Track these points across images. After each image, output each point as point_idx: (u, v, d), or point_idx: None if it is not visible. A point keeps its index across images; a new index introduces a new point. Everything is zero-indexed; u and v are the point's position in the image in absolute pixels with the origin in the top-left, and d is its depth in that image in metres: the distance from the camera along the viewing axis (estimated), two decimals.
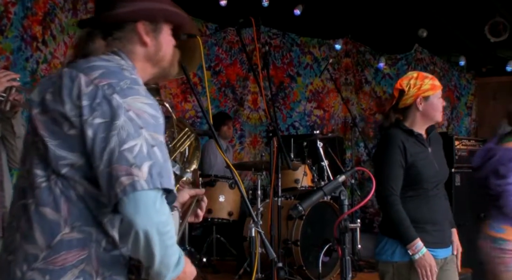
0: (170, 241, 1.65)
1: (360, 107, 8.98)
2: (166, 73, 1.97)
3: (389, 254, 3.12)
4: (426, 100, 3.18)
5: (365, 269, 6.34)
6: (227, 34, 7.89)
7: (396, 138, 3.13)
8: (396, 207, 3.06)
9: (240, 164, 6.51)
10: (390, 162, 3.11)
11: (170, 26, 1.95)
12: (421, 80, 3.19)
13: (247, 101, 8.12)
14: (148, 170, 1.60)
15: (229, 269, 6.01)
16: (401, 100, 3.20)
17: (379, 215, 8.60)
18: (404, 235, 3.06)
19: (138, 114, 1.65)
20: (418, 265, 3.03)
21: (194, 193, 2.27)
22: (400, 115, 3.24)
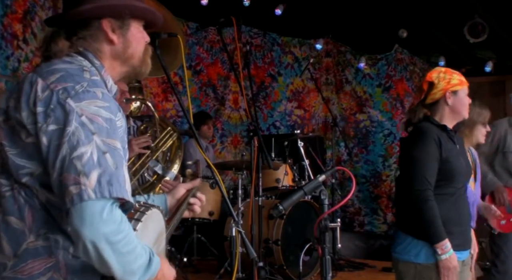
0: (127, 248, 1.61)
1: (341, 106, 9.01)
2: (137, 71, 1.93)
3: (413, 255, 3.01)
4: (455, 95, 3.13)
5: (345, 268, 6.38)
6: (208, 33, 7.88)
7: (431, 132, 3.05)
8: (431, 203, 2.94)
9: (221, 164, 6.51)
10: (426, 155, 3.00)
11: (141, 22, 1.90)
12: (449, 74, 3.15)
13: (228, 100, 8.12)
14: (97, 178, 1.56)
15: (210, 269, 6.01)
16: (429, 94, 3.13)
17: (359, 215, 8.67)
18: (435, 233, 2.93)
19: (91, 119, 1.61)
20: (443, 266, 2.93)
21: (191, 186, 2.26)
22: (428, 110, 3.16)
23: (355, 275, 6.21)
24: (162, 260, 1.77)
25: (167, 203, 2.22)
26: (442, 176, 3.02)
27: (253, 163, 4.91)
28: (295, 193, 2.42)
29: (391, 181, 8.51)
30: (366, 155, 8.81)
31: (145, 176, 3.41)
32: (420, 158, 3.01)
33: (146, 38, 1.93)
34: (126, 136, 1.78)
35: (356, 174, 8.69)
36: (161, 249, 1.97)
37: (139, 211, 1.78)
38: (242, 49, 5.76)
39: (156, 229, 1.93)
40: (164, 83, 7.33)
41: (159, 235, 1.95)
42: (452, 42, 8.43)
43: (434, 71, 3.17)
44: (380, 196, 8.66)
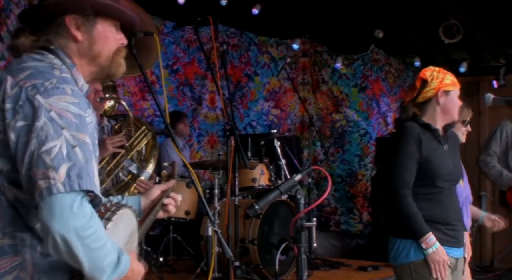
0: (96, 244, 1.60)
1: (317, 106, 9.05)
2: (107, 71, 1.90)
3: (404, 255, 3.00)
4: (447, 95, 3.09)
5: (321, 267, 6.41)
6: (185, 32, 7.85)
7: (412, 130, 3.02)
8: (407, 200, 2.94)
9: (198, 163, 6.49)
10: (404, 154, 2.99)
11: (112, 22, 1.88)
12: (443, 74, 3.10)
13: (205, 100, 8.10)
14: (66, 172, 1.56)
15: (186, 269, 5.99)
16: (422, 92, 3.08)
17: (335, 214, 8.71)
18: (416, 229, 2.94)
19: (60, 114, 1.61)
20: (431, 260, 2.94)
21: (166, 187, 2.26)
22: (418, 110, 3.11)
23: (331, 274, 6.24)
24: (132, 258, 1.76)
25: (141, 204, 2.22)
26: (424, 175, 3.01)
27: (229, 163, 4.91)
28: (271, 192, 2.42)
29: (367, 181, 8.56)
30: (342, 155, 8.86)
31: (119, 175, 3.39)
32: (398, 157, 3.00)
33: (122, 40, 1.91)
34: (97, 133, 1.78)
35: (332, 174, 8.74)
36: (132, 249, 1.97)
37: (110, 211, 1.77)
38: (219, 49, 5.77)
39: (128, 229, 1.92)
40: (141, 82, 7.29)
41: (131, 235, 1.94)
42: (427, 43, 8.50)
43: (428, 70, 3.12)
44: (356, 195, 8.71)
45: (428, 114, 3.11)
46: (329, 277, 6.09)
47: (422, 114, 3.11)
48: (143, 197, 2.23)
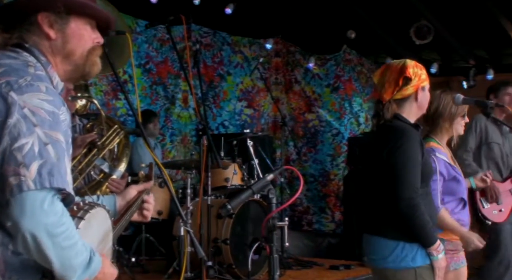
0: (67, 243, 1.59)
1: (290, 106, 9.07)
2: (82, 70, 1.89)
3: (410, 259, 2.89)
4: (423, 90, 3.06)
5: (293, 267, 6.43)
6: (157, 31, 7.81)
7: (414, 134, 2.95)
8: (422, 209, 2.84)
9: (171, 163, 6.47)
10: (413, 160, 2.89)
11: (87, 20, 1.88)
12: (421, 69, 3.06)
13: (178, 99, 8.07)
14: (38, 169, 1.55)
15: (158, 269, 5.97)
16: (402, 89, 3.00)
17: (308, 213, 8.74)
18: (428, 237, 2.87)
19: (33, 111, 1.60)
20: (439, 266, 2.90)
21: (143, 188, 2.25)
22: (396, 105, 3.03)
23: (303, 273, 6.26)
24: (104, 260, 1.76)
25: (117, 204, 2.21)
26: (423, 178, 2.96)
27: (202, 162, 4.90)
28: (244, 192, 2.43)
29: (339, 180, 8.61)
30: (314, 155, 8.89)
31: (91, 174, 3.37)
32: (406, 162, 2.89)
33: (97, 39, 1.91)
34: (70, 131, 1.77)
35: (304, 173, 8.77)
36: (107, 249, 1.96)
37: (82, 209, 1.76)
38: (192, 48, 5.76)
39: (101, 229, 1.91)
40: (114, 81, 7.23)
41: (105, 235, 1.93)
42: (399, 44, 8.58)
43: (409, 66, 3.03)
44: (328, 195, 8.75)
45: (405, 110, 3.05)
46: (301, 276, 6.11)
47: (399, 110, 3.05)
48: (119, 197, 2.23)
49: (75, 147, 3.35)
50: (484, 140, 5.16)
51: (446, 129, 3.64)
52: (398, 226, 2.90)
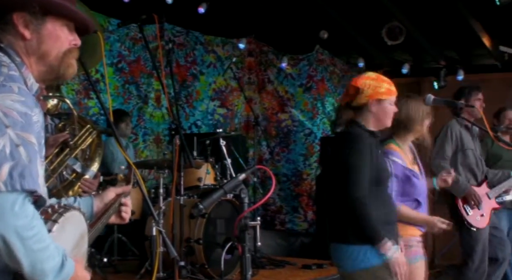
0: (38, 246, 1.58)
1: (263, 106, 9.09)
2: (56, 72, 1.88)
3: (364, 261, 3.02)
4: (379, 103, 3.15)
5: (266, 266, 6.44)
6: (130, 30, 7.77)
7: (365, 139, 3.09)
8: (369, 208, 2.98)
9: (143, 162, 6.44)
10: (362, 162, 3.03)
11: (64, 21, 1.86)
12: (379, 82, 3.17)
13: (151, 98, 8.04)
14: (9, 171, 1.54)
15: (130, 269, 5.94)
16: (356, 99, 3.15)
17: (281, 213, 8.77)
18: (376, 236, 2.99)
19: (5, 113, 1.59)
20: (394, 263, 3.00)
21: (121, 190, 2.24)
22: (354, 113, 3.18)
23: (275, 272, 6.28)
24: (77, 265, 1.74)
25: (94, 206, 2.19)
26: (374, 181, 3.08)
27: (174, 162, 4.89)
28: (216, 192, 2.43)
29: (312, 180, 8.65)
30: (287, 154, 8.92)
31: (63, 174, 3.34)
32: (357, 165, 3.03)
33: (75, 41, 1.90)
34: (44, 133, 1.75)
35: (277, 173, 8.79)
36: (82, 253, 1.94)
37: (57, 212, 1.74)
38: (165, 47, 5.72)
39: (76, 232, 1.89)
40: (86, 80, 7.17)
41: (80, 238, 1.91)
42: (371, 44, 8.65)
43: (363, 78, 3.17)
44: (301, 194, 8.78)
45: (363, 118, 3.17)
46: (274, 275, 6.13)
47: (357, 117, 3.17)
48: (96, 199, 2.21)
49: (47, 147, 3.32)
50: (460, 147, 5.18)
51: (419, 131, 3.75)
52: (352, 229, 3.04)
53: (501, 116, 6.16)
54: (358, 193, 2.99)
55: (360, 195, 2.99)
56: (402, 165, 3.67)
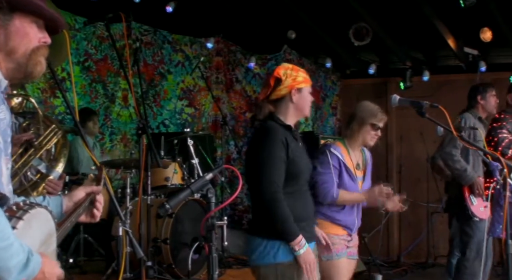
0: (1, 244, 1.58)
1: (231, 106, 9.09)
2: (24, 69, 1.86)
3: (272, 255, 3.03)
4: (300, 92, 3.17)
5: (234, 266, 6.45)
6: (96, 28, 7.70)
7: (277, 132, 3.08)
8: (282, 203, 2.98)
9: (110, 162, 6.39)
10: (274, 156, 3.03)
11: (33, 19, 1.85)
12: (296, 71, 3.18)
13: (118, 98, 7.98)
14: None
15: (97, 269, 5.88)
16: (276, 90, 3.15)
17: (248, 212, 8.77)
18: (290, 232, 3.00)
19: None
20: (303, 260, 3.01)
21: (90, 190, 2.22)
22: (273, 106, 3.18)
23: (243, 272, 6.28)
24: (46, 260, 1.73)
25: (63, 205, 2.17)
26: (289, 176, 3.08)
27: (141, 161, 4.87)
28: (183, 191, 2.43)
29: None
30: None
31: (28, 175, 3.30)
32: (268, 160, 3.04)
33: (44, 38, 1.88)
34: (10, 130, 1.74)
35: None
36: (50, 251, 1.93)
37: (22, 209, 1.72)
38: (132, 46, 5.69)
39: (43, 230, 1.88)
40: (52, 79, 7.09)
41: (48, 237, 1.90)
42: (338, 45, 8.71)
43: (282, 68, 3.19)
44: None
45: (281, 111, 3.18)
46: (241, 275, 6.13)
47: (276, 111, 3.18)
48: (65, 198, 2.19)
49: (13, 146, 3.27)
50: (472, 139, 5.26)
51: (356, 132, 3.87)
52: (262, 223, 3.08)
53: None
54: (271, 189, 2.99)
55: (273, 191, 2.99)
56: (339, 158, 3.80)
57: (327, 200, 3.78)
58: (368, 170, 4.07)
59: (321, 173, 3.77)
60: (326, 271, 3.65)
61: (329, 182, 3.76)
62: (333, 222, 3.83)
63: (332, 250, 3.74)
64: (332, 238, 3.75)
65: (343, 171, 3.83)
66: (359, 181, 3.97)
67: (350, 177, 3.87)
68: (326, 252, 3.73)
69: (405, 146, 9.24)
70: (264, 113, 3.16)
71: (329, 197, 3.77)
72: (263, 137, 3.11)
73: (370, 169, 4.10)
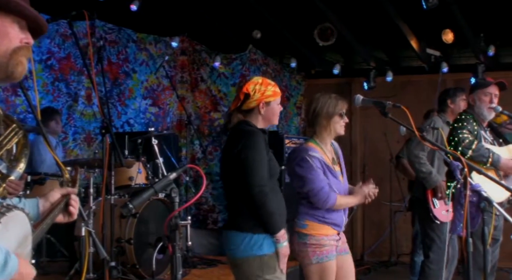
0: None
1: (196, 105, 9.06)
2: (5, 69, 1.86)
3: (257, 248, 3.24)
4: (268, 105, 3.43)
5: (198, 265, 6.44)
6: (60, 26, 7.61)
7: (260, 136, 3.35)
8: (270, 198, 3.23)
9: (73, 162, 6.32)
10: (261, 155, 3.29)
11: (13, 18, 1.83)
12: (265, 86, 3.42)
13: (82, 96, 7.89)
14: None
15: (60, 270, 5.82)
16: (245, 103, 3.40)
17: (213, 212, 8.76)
18: (276, 225, 3.25)
19: None
20: (284, 252, 3.28)
21: (66, 192, 2.21)
22: (243, 115, 3.43)
23: (208, 272, 6.29)
24: (22, 262, 1.74)
25: (40, 206, 2.17)
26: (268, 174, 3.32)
27: (104, 161, 4.83)
28: (146, 191, 2.43)
29: None
30: (220, 153, 8.92)
31: None
32: (257, 158, 3.28)
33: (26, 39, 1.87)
34: None
35: (210, 172, 8.79)
36: (26, 252, 1.93)
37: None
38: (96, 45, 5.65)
39: (20, 232, 1.88)
40: None
41: (24, 238, 1.90)
42: (303, 45, 8.76)
43: (251, 83, 3.43)
44: None
45: (252, 119, 3.44)
46: (206, 274, 6.13)
47: (247, 118, 3.44)
48: (42, 200, 2.20)
49: None
50: (440, 141, 5.32)
51: (325, 127, 3.94)
52: (247, 218, 3.27)
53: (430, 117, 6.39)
54: (259, 184, 3.22)
55: (262, 185, 3.22)
56: (320, 159, 3.83)
57: (328, 205, 3.80)
58: (342, 162, 4.11)
59: (313, 180, 3.75)
60: (317, 273, 3.71)
61: (326, 187, 3.78)
62: (324, 222, 3.83)
63: (323, 253, 3.75)
64: (322, 240, 3.76)
65: (327, 171, 3.85)
66: (339, 176, 4.00)
67: (333, 175, 3.90)
68: (316, 254, 3.75)
69: (369, 146, 9.34)
70: (233, 122, 3.44)
71: (330, 201, 3.78)
72: (248, 136, 3.34)
73: (343, 161, 4.14)
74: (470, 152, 4.68)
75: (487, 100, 4.93)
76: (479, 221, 3.62)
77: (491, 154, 4.71)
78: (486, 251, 3.47)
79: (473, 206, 3.45)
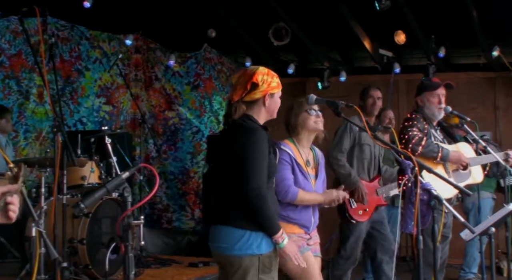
0: None
1: (150, 103, 9.00)
2: None
3: (255, 247, 3.10)
4: (272, 97, 3.29)
5: (152, 265, 6.41)
6: (10, 23, 7.46)
7: (263, 133, 3.19)
8: (268, 198, 3.10)
9: (23, 161, 6.21)
10: (262, 155, 3.14)
11: None
12: (271, 77, 3.28)
13: (33, 94, 7.75)
14: None
15: (10, 272, 5.73)
16: (250, 93, 3.24)
17: (168, 211, 8.73)
18: (274, 225, 3.13)
19: None
20: (288, 251, 3.17)
21: (6, 189, 2.15)
22: (245, 107, 3.26)
23: (162, 271, 6.26)
24: None
25: None
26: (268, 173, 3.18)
27: (56, 160, 4.76)
28: (98, 190, 2.40)
29: (199, 178, 8.68)
30: (174, 152, 8.89)
31: None
32: (255, 155, 3.12)
33: None
34: None
35: (164, 171, 8.75)
36: None
37: None
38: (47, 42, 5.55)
39: None
40: None
41: None
42: (258, 44, 8.79)
43: (259, 73, 3.26)
44: (188, 192, 8.78)
45: (254, 112, 3.28)
46: (160, 274, 6.11)
47: (249, 111, 3.27)
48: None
49: None
50: (357, 142, 5.40)
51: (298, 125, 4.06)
52: (245, 215, 3.11)
53: (382, 116, 6.50)
54: (257, 183, 3.07)
55: (258, 185, 3.07)
56: (290, 154, 3.88)
57: (287, 198, 3.84)
58: (321, 168, 4.15)
59: (278, 170, 3.70)
60: (296, 267, 3.65)
61: (288, 179, 3.81)
62: (289, 221, 3.87)
63: None
64: (291, 237, 3.65)
65: (295, 167, 3.90)
66: (312, 179, 4.05)
67: (303, 174, 3.95)
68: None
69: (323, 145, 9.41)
70: (239, 113, 3.24)
71: (290, 194, 3.83)
72: (249, 134, 3.17)
73: (323, 168, 4.17)
74: (420, 149, 4.77)
75: (436, 101, 5.04)
76: (429, 219, 3.68)
77: (440, 149, 4.82)
78: (436, 248, 3.55)
79: (424, 204, 3.50)
